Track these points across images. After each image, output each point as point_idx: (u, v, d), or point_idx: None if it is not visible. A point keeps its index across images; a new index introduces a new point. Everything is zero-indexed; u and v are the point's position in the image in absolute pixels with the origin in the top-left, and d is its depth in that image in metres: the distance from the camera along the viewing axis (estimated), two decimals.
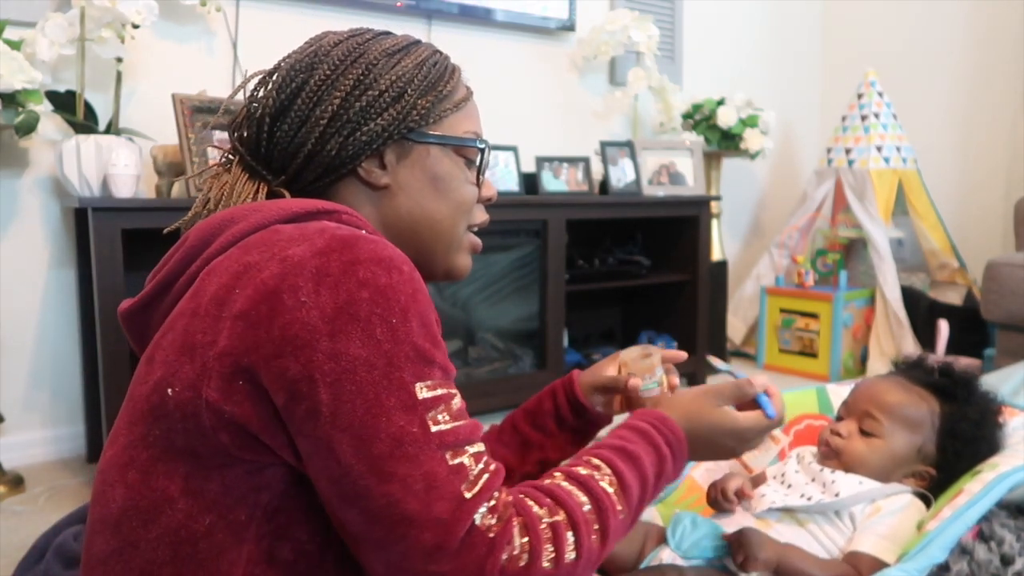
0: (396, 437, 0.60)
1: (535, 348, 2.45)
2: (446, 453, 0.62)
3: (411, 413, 0.61)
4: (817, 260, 3.22)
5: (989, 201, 3.22)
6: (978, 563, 1.14)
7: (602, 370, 1.02)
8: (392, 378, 0.61)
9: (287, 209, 0.70)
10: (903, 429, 1.24)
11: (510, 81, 2.78)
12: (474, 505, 0.62)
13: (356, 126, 0.75)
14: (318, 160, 0.75)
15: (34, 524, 1.63)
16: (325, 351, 0.60)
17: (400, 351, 0.62)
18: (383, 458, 0.60)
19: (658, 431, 0.79)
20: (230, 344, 0.62)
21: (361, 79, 0.75)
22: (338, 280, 0.61)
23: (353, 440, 0.60)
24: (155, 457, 0.65)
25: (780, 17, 3.62)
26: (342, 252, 0.63)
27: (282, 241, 0.65)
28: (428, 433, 0.61)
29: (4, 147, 1.96)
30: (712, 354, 2.91)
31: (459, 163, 0.81)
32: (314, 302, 0.61)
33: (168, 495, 0.64)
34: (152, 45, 2.12)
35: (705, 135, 3.01)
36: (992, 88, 3.19)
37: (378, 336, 0.61)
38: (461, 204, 0.81)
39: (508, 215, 2.32)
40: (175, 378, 0.64)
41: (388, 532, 0.60)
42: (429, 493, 0.60)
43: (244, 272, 0.64)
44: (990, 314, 2.38)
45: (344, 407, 0.60)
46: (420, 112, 0.77)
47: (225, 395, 0.62)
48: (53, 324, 2.07)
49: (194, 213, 0.79)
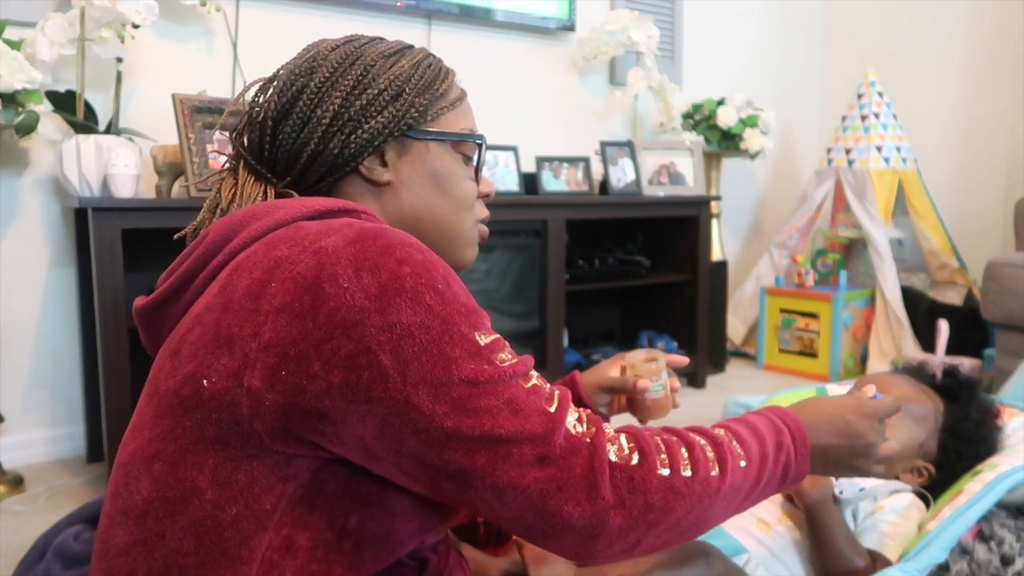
0: (471, 379, 0.63)
1: (535, 348, 2.45)
2: (520, 380, 0.66)
3: (478, 358, 0.64)
4: (817, 260, 3.22)
5: (989, 201, 3.22)
6: (978, 563, 1.14)
7: (605, 371, 1.02)
8: (452, 333, 0.63)
9: (310, 207, 0.72)
10: (908, 421, 1.25)
11: (510, 81, 2.78)
12: (560, 415, 0.65)
13: (357, 124, 0.77)
14: (321, 160, 0.77)
15: (34, 524, 1.63)
16: (377, 324, 0.62)
17: (453, 309, 0.64)
18: (465, 398, 0.63)
19: (783, 421, 0.79)
20: (275, 336, 0.63)
21: (360, 79, 0.77)
22: (377, 262, 0.64)
23: (430, 390, 0.62)
24: (184, 448, 0.66)
25: (780, 17, 3.62)
26: (375, 239, 0.65)
27: (311, 235, 0.66)
28: (498, 368, 0.65)
29: (4, 147, 1.96)
30: (710, 358, 2.92)
31: (457, 159, 0.83)
32: (357, 286, 0.63)
33: (196, 486, 0.65)
34: (152, 45, 2.12)
35: (705, 135, 3.01)
36: (992, 88, 3.19)
37: (428, 302, 0.63)
38: (463, 199, 0.83)
39: (508, 215, 2.32)
40: (211, 370, 0.65)
41: (490, 457, 0.63)
42: (517, 415, 0.63)
43: (276, 267, 0.65)
44: (990, 314, 2.38)
45: (412, 365, 0.62)
46: (418, 109, 0.79)
47: (268, 383, 0.63)
48: (53, 324, 2.07)
49: (202, 217, 0.81)
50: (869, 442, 0.81)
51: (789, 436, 0.77)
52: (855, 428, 0.81)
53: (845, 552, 1.08)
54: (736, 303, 3.32)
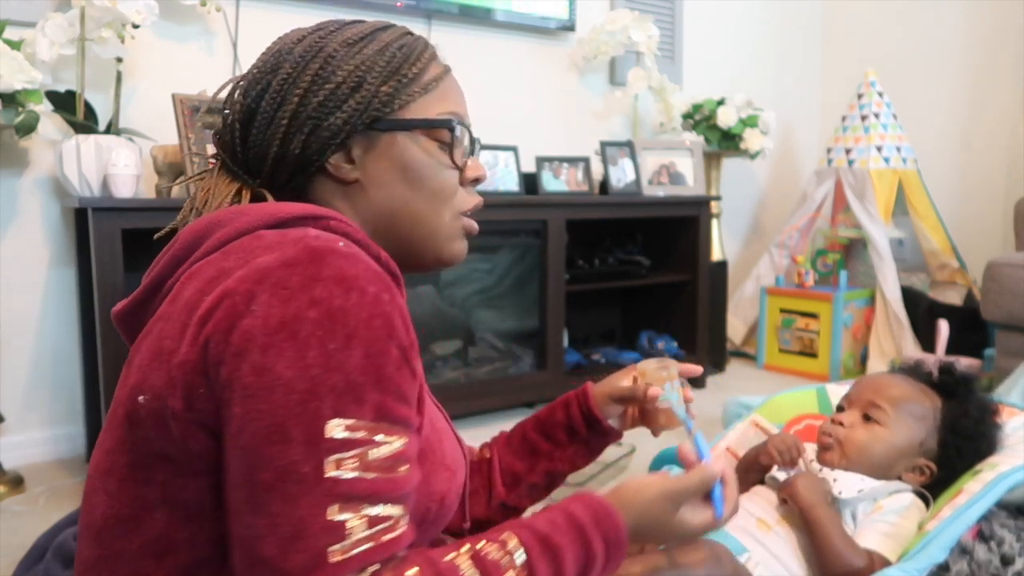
0: (283, 470, 0.56)
1: (535, 348, 2.45)
2: (332, 505, 0.56)
3: (310, 450, 0.57)
4: (817, 260, 3.22)
5: (989, 201, 3.22)
6: (978, 563, 1.14)
7: (617, 381, 1.01)
8: (307, 407, 0.57)
9: (273, 214, 0.68)
10: (907, 419, 1.25)
11: (510, 81, 2.78)
12: (335, 572, 0.56)
13: (317, 122, 0.73)
14: (286, 161, 0.74)
15: (34, 524, 1.63)
16: (253, 363, 0.58)
17: (327, 380, 0.58)
18: (262, 488, 0.57)
19: (597, 526, 0.70)
20: (189, 351, 0.60)
21: (319, 73, 0.73)
22: (292, 294, 0.59)
23: (245, 461, 0.57)
24: (132, 463, 0.64)
25: (780, 17, 3.62)
26: (307, 266, 0.60)
27: (259, 247, 0.63)
28: (320, 477, 0.56)
29: (4, 147, 1.96)
30: (710, 358, 2.92)
31: (431, 148, 0.76)
32: (261, 312, 0.59)
33: (147, 503, 0.63)
34: (152, 45, 2.12)
35: (705, 135, 3.01)
36: (992, 88, 3.19)
37: (309, 360, 0.58)
38: (439, 192, 0.77)
39: (508, 215, 2.32)
40: (146, 385, 0.63)
41: (245, 566, 0.58)
42: (292, 542, 0.56)
43: (217, 277, 0.63)
44: (990, 314, 2.38)
45: (249, 425, 0.57)
46: (382, 100, 0.74)
47: (188, 404, 0.60)
48: (53, 324, 2.07)
49: (181, 217, 0.79)
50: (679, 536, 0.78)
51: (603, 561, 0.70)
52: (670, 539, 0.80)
53: (843, 553, 1.08)
54: (736, 303, 3.32)
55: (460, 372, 2.35)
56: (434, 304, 2.35)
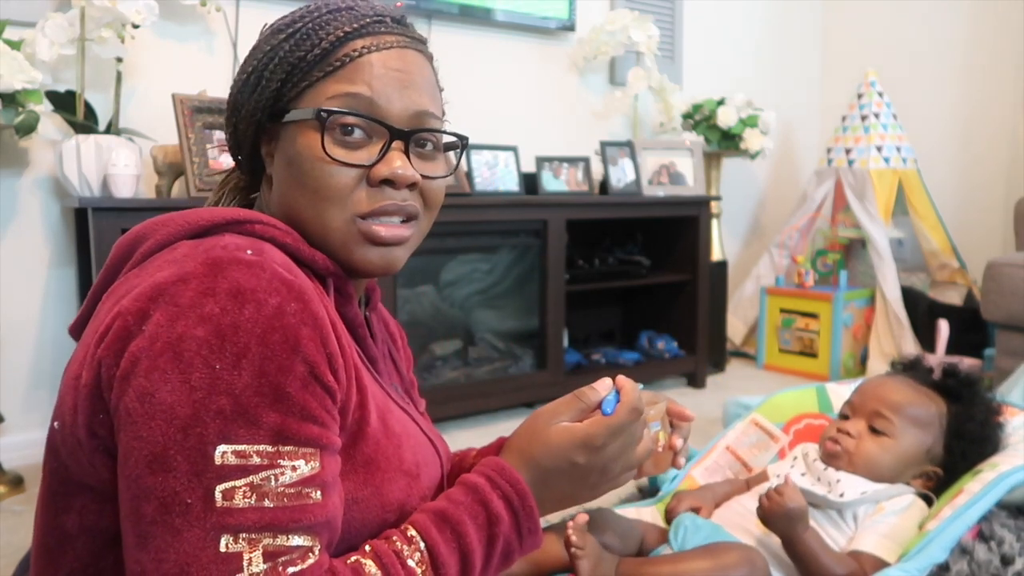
0: (166, 502, 0.53)
1: (535, 348, 2.45)
2: (223, 536, 0.52)
3: (196, 479, 0.53)
4: (817, 260, 3.22)
5: (989, 201, 3.22)
6: (978, 563, 1.14)
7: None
8: (190, 433, 0.53)
9: (195, 222, 0.64)
10: (914, 428, 1.24)
11: (510, 81, 2.78)
12: None
13: (237, 114, 0.72)
14: (240, 154, 0.75)
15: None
16: (137, 388, 0.54)
17: (212, 403, 0.54)
18: (146, 521, 0.53)
19: (492, 484, 0.67)
20: (88, 375, 0.58)
21: (243, 68, 0.72)
22: (181, 312, 0.55)
23: (129, 492, 0.54)
24: (54, 491, 0.62)
25: (780, 17, 3.62)
26: (203, 279, 0.56)
27: (169, 260, 0.60)
28: (208, 508, 0.52)
29: (4, 147, 1.96)
30: (710, 358, 2.92)
31: (313, 140, 0.66)
32: (150, 332, 0.55)
33: (67, 531, 0.61)
34: (152, 45, 2.12)
35: (705, 135, 3.01)
36: (992, 88, 3.19)
37: (193, 383, 0.54)
38: (318, 190, 0.67)
39: (508, 215, 2.32)
40: (59, 411, 0.61)
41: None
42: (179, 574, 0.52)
43: (124, 297, 0.59)
44: (990, 314, 2.38)
45: (132, 454, 0.54)
46: (273, 90, 0.68)
47: (90, 430, 0.58)
48: (53, 324, 2.07)
49: None
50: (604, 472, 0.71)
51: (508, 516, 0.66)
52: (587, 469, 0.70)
53: (830, 567, 1.07)
54: (736, 303, 3.32)
55: (460, 372, 2.35)
56: (434, 304, 2.35)
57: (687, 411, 0.87)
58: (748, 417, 1.61)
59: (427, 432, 0.81)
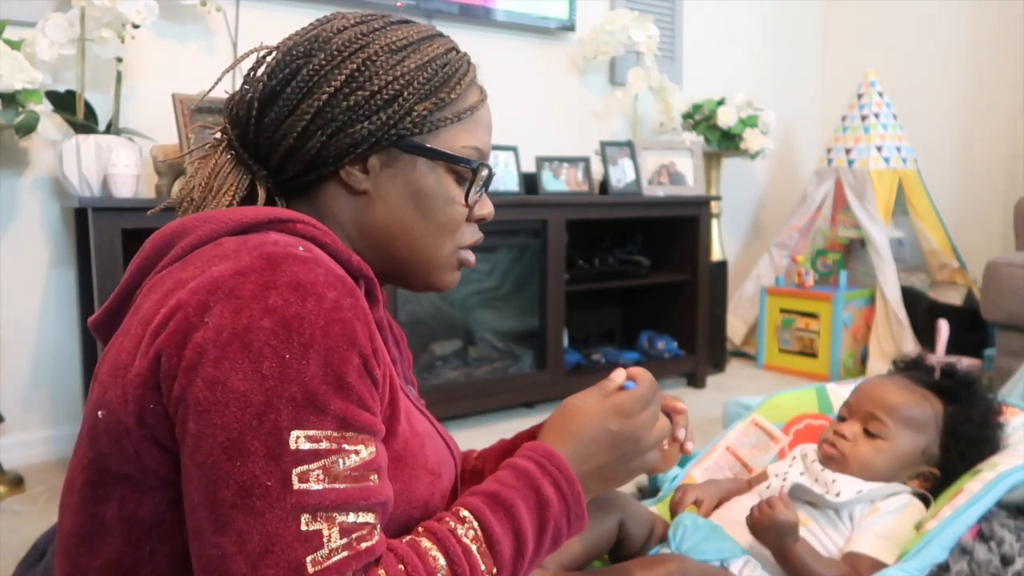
0: (246, 486, 0.55)
1: (535, 348, 2.45)
2: (302, 516, 0.55)
3: (274, 463, 0.55)
4: (817, 260, 3.22)
5: (989, 201, 3.22)
6: (978, 563, 1.14)
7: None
8: (265, 420, 0.55)
9: (237, 220, 0.66)
10: (908, 430, 1.24)
11: (510, 81, 2.78)
12: None
13: (340, 126, 0.70)
14: (298, 156, 0.71)
15: (34, 524, 1.63)
16: (206, 377, 0.56)
17: (284, 391, 0.56)
18: (225, 505, 0.55)
19: (542, 470, 0.69)
20: (141, 365, 0.59)
21: (355, 75, 0.70)
22: (245, 304, 0.57)
23: (204, 479, 0.56)
24: (91, 481, 0.63)
25: (780, 17, 3.62)
26: (261, 273, 0.58)
27: (217, 256, 0.62)
28: (286, 490, 0.55)
29: (4, 147, 1.96)
30: (710, 358, 2.92)
31: (447, 180, 0.74)
32: (214, 323, 0.57)
33: (106, 522, 0.62)
34: (152, 45, 2.12)
35: (705, 135, 3.01)
36: (992, 88, 3.19)
37: (264, 371, 0.56)
38: (444, 225, 0.75)
39: (508, 215, 2.31)
40: (104, 400, 0.61)
41: None
42: (264, 557, 0.54)
43: (173, 289, 0.61)
44: (990, 314, 2.38)
45: (205, 441, 0.55)
46: (414, 120, 0.71)
47: (140, 419, 0.59)
48: (53, 324, 2.07)
49: (179, 198, 0.78)
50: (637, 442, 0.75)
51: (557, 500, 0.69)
52: (621, 436, 0.74)
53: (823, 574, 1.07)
54: (736, 303, 3.32)
55: (460, 372, 2.35)
56: (434, 304, 2.35)
57: (678, 403, 0.88)
58: (748, 417, 1.61)
59: (442, 434, 0.83)
